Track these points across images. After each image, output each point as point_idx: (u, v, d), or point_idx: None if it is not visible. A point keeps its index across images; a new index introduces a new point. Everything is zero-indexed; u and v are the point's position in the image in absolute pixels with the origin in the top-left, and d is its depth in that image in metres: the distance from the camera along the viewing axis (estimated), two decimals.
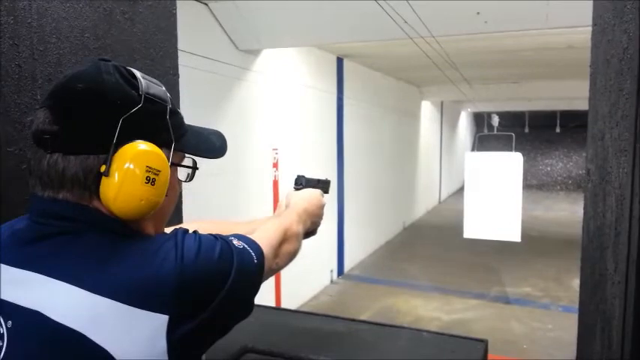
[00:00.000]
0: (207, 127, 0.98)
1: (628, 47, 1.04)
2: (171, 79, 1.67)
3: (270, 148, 5.72)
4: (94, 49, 1.38)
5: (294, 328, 1.54)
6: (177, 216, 1.67)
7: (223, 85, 4.90)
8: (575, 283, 1.64)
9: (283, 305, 5.72)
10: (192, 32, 4.20)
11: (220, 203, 4.73)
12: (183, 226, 1.15)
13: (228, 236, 0.86)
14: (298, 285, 6.18)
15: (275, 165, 5.79)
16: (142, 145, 0.76)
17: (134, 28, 1.51)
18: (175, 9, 1.70)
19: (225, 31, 4.89)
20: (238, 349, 1.32)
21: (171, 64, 1.68)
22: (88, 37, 1.37)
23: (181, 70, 1.75)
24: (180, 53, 1.74)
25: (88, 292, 0.70)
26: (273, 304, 5.57)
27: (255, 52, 5.36)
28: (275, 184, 5.77)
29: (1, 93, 1.16)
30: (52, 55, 1.27)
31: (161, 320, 0.71)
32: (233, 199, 5.01)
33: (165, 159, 0.79)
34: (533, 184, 19.00)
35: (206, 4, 4.59)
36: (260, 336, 1.40)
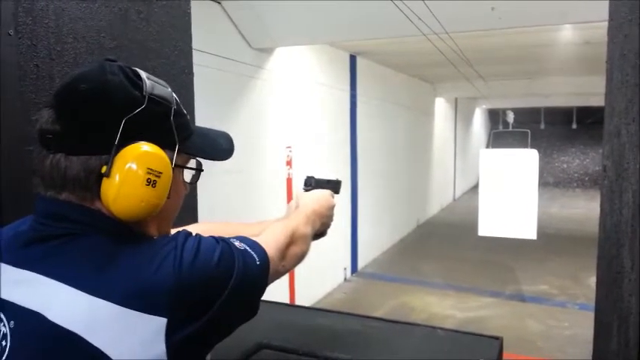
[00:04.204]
0: (219, 126, 0.97)
1: None
2: (186, 78, 1.68)
3: (283, 146, 5.73)
4: (109, 49, 1.40)
5: (308, 325, 1.55)
6: (192, 214, 1.69)
7: (237, 83, 4.93)
8: (592, 280, 1.62)
9: (297, 302, 5.73)
10: (206, 31, 4.23)
11: (234, 201, 4.75)
12: (190, 228, 1.16)
13: (230, 238, 0.85)
14: (312, 282, 6.20)
15: (289, 163, 5.80)
16: (143, 147, 0.76)
17: (149, 27, 1.53)
18: (190, 8, 1.71)
19: (239, 30, 4.91)
20: (253, 345, 1.33)
21: (186, 63, 1.69)
22: (104, 36, 1.38)
23: (195, 69, 1.76)
24: (194, 52, 1.75)
25: (87, 295, 0.70)
26: (287, 301, 5.59)
27: (268, 51, 5.38)
28: (289, 181, 5.79)
29: (20, 92, 1.18)
30: (68, 55, 1.29)
31: (159, 323, 0.70)
32: (247, 197, 5.04)
33: (168, 161, 0.78)
34: (549, 181, 18.80)
35: (219, 2, 4.61)
36: (275, 333, 1.41)
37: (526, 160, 6.09)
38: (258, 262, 0.84)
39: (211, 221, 1.32)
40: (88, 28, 1.34)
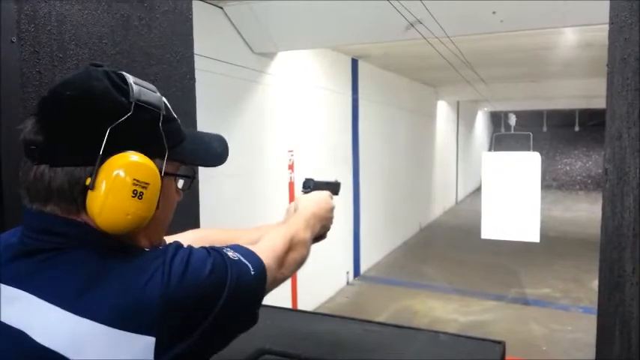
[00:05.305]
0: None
1: None
2: (188, 83, 1.69)
3: (285, 150, 5.74)
4: (111, 55, 1.40)
5: (310, 329, 1.55)
6: (194, 218, 1.69)
7: (239, 88, 4.94)
8: (596, 284, 1.62)
9: (299, 307, 5.73)
10: (208, 36, 4.24)
11: (236, 204, 4.75)
12: (187, 234, 1.14)
13: (223, 248, 0.82)
14: (314, 287, 6.19)
15: (291, 167, 5.81)
16: (129, 157, 0.73)
17: (151, 33, 1.54)
18: (191, 14, 1.72)
19: (241, 35, 4.92)
20: (255, 350, 1.33)
21: (188, 68, 1.70)
22: (106, 43, 1.39)
23: (197, 74, 1.76)
24: (196, 57, 1.76)
25: (71, 314, 0.68)
26: (289, 305, 5.58)
27: (270, 55, 5.39)
28: (291, 185, 5.79)
29: (23, 99, 1.19)
30: (71, 62, 1.30)
31: (147, 342, 0.68)
32: (249, 200, 5.04)
33: (156, 171, 0.75)
34: (552, 184, 18.77)
35: (221, 7, 4.62)
36: (276, 338, 1.41)
37: (528, 162, 6.07)
38: (252, 272, 0.82)
39: (211, 226, 1.31)
40: (90, 34, 1.35)
